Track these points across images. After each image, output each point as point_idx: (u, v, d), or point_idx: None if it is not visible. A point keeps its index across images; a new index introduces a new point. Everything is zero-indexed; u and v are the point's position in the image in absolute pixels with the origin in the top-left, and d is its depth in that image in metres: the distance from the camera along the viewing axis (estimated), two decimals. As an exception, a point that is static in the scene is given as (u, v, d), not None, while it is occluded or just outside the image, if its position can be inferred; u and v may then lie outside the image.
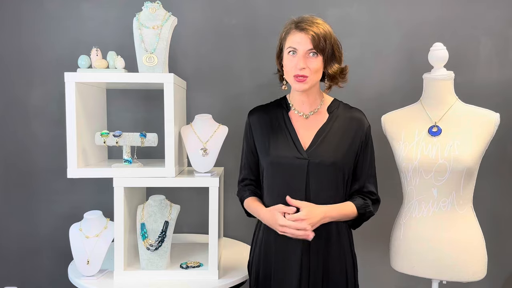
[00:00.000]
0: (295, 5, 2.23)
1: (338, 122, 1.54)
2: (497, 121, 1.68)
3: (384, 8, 2.24)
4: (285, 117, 1.58)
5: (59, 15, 2.25)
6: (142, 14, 1.82)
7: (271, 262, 1.54)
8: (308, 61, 1.46)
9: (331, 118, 1.55)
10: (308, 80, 1.47)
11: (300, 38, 1.46)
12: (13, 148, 2.28)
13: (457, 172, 1.63)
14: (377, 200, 1.60)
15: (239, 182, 1.69)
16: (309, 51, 1.46)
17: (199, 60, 2.28)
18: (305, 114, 1.56)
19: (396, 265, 1.79)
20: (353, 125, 1.54)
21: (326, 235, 1.50)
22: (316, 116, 1.56)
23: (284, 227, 1.42)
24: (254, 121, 1.61)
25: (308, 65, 1.46)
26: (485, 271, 1.70)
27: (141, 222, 1.80)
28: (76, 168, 1.76)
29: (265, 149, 1.56)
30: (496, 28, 2.22)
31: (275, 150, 1.53)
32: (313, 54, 1.46)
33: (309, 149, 1.50)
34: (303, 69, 1.45)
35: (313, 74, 1.47)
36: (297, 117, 1.57)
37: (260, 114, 1.62)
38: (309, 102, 1.56)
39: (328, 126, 1.54)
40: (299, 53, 1.46)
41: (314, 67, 1.46)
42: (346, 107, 1.60)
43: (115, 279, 1.76)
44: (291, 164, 1.48)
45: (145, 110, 2.29)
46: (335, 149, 1.50)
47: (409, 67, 2.23)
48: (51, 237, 2.30)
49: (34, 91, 2.27)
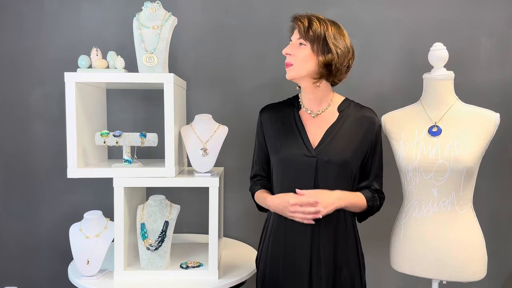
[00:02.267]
0: (295, 5, 2.23)
1: (348, 121, 1.55)
2: (497, 121, 1.68)
3: (384, 8, 2.24)
4: (295, 115, 1.59)
5: (59, 15, 2.25)
6: (142, 14, 1.82)
7: (280, 255, 1.55)
8: (297, 50, 1.50)
9: (341, 117, 1.56)
10: (294, 68, 1.50)
11: (292, 28, 1.55)
12: (13, 148, 2.28)
13: (457, 172, 1.63)
14: (383, 198, 1.62)
15: (251, 178, 1.72)
16: (298, 41, 1.50)
17: (199, 60, 2.28)
18: (314, 113, 1.57)
19: (396, 265, 1.79)
20: (363, 124, 1.55)
21: (335, 229, 1.51)
22: (326, 115, 1.57)
23: (295, 206, 1.43)
24: (265, 119, 1.63)
25: (296, 53, 1.49)
26: (485, 271, 1.70)
27: (141, 222, 1.80)
28: (76, 168, 1.77)
29: (275, 147, 1.57)
30: (496, 28, 2.22)
31: (284, 148, 1.54)
32: (301, 44, 1.50)
33: (318, 147, 1.51)
34: (288, 54, 1.50)
35: (299, 62, 1.50)
36: (307, 115, 1.59)
37: (271, 112, 1.63)
38: (315, 100, 1.57)
39: (338, 125, 1.55)
40: (292, 43, 1.52)
41: (300, 55, 1.49)
42: (357, 106, 1.60)
43: (115, 279, 1.76)
44: (300, 162, 1.50)
45: (145, 110, 2.29)
46: (344, 147, 1.51)
47: (409, 67, 2.23)
48: (51, 237, 2.30)
49: (34, 91, 2.27)
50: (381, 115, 1.86)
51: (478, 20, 2.22)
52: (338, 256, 1.52)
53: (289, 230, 1.53)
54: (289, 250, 1.53)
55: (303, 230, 1.50)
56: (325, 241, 1.50)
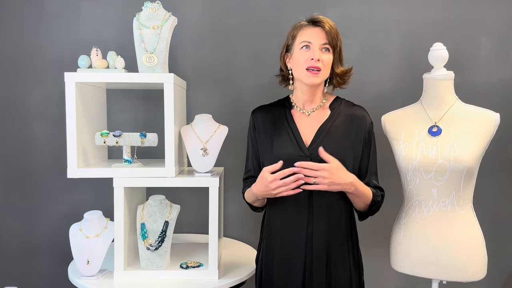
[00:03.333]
0: (295, 5, 2.23)
1: (340, 119, 1.55)
2: (497, 121, 1.68)
3: (384, 8, 2.24)
4: (287, 115, 1.59)
5: (59, 15, 2.25)
6: (142, 14, 1.82)
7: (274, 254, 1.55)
8: (322, 55, 1.49)
9: (333, 115, 1.56)
10: (320, 74, 1.48)
11: (315, 31, 1.50)
12: (13, 148, 2.28)
13: (457, 172, 1.63)
14: (383, 195, 1.60)
15: (243, 180, 1.70)
16: (322, 46, 1.49)
17: (199, 60, 2.28)
18: (307, 111, 1.57)
19: (396, 265, 1.79)
20: (355, 122, 1.55)
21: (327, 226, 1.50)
22: (318, 113, 1.57)
23: (274, 181, 1.41)
24: (258, 120, 1.63)
25: (323, 59, 1.48)
26: (485, 271, 1.70)
27: (141, 222, 1.80)
28: (76, 168, 1.76)
29: (268, 148, 1.56)
30: (496, 28, 2.22)
31: (278, 149, 1.54)
32: (326, 49, 1.49)
33: (311, 146, 1.51)
34: (318, 60, 1.47)
35: (325, 68, 1.49)
36: (299, 114, 1.58)
37: (263, 113, 1.63)
38: (312, 102, 1.58)
39: (329, 122, 1.55)
40: (313, 47, 1.48)
41: (326, 61, 1.49)
42: (348, 104, 1.61)
43: (115, 279, 1.76)
44: (294, 162, 1.48)
45: (145, 110, 2.29)
46: (337, 145, 1.50)
47: (409, 67, 2.23)
48: (51, 237, 2.30)
49: (34, 91, 2.27)
50: (381, 115, 1.86)
51: (478, 20, 2.22)
52: (332, 256, 1.51)
53: (283, 225, 1.52)
54: (284, 248, 1.53)
55: (298, 230, 1.49)
56: (319, 241, 1.49)
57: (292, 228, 1.51)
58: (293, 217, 1.51)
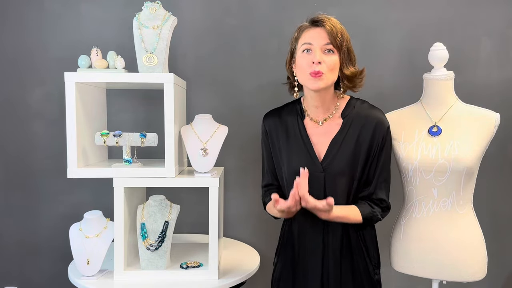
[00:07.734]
0: (295, 6, 2.23)
1: (352, 128, 1.49)
2: (497, 121, 1.68)
3: (384, 8, 2.24)
4: (300, 125, 1.53)
5: (59, 15, 2.25)
6: (142, 14, 1.82)
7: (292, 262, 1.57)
8: (324, 58, 1.40)
9: (345, 125, 1.49)
10: (323, 77, 1.40)
11: (316, 32, 1.42)
12: (13, 148, 2.28)
13: (457, 172, 1.63)
14: (387, 207, 1.55)
15: (262, 187, 1.68)
16: (325, 47, 1.41)
17: (199, 60, 2.28)
18: (319, 121, 1.53)
19: (396, 265, 1.79)
20: (370, 127, 1.48)
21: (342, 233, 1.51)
22: (330, 123, 1.51)
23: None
24: (271, 128, 1.58)
25: (326, 61, 1.40)
26: (485, 271, 1.70)
27: (141, 222, 1.80)
28: (76, 168, 1.77)
29: (282, 160, 1.55)
30: (496, 28, 2.22)
31: (291, 163, 1.51)
32: (329, 51, 1.42)
33: (324, 161, 1.48)
34: (319, 63, 1.38)
35: (329, 72, 1.41)
36: (312, 124, 1.53)
37: (275, 120, 1.58)
38: (323, 108, 1.51)
39: (341, 135, 1.49)
40: (314, 48, 1.41)
41: (330, 64, 1.40)
42: (364, 107, 1.52)
43: (115, 279, 1.76)
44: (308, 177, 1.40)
45: (145, 110, 2.29)
46: (351, 160, 1.47)
47: (409, 67, 2.23)
48: (51, 237, 2.30)
49: (34, 91, 2.27)
50: (381, 115, 1.86)
51: (478, 20, 2.22)
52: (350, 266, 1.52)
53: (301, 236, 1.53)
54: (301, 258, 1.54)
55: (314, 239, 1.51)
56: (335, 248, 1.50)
57: (308, 236, 1.52)
58: (309, 227, 1.51)
